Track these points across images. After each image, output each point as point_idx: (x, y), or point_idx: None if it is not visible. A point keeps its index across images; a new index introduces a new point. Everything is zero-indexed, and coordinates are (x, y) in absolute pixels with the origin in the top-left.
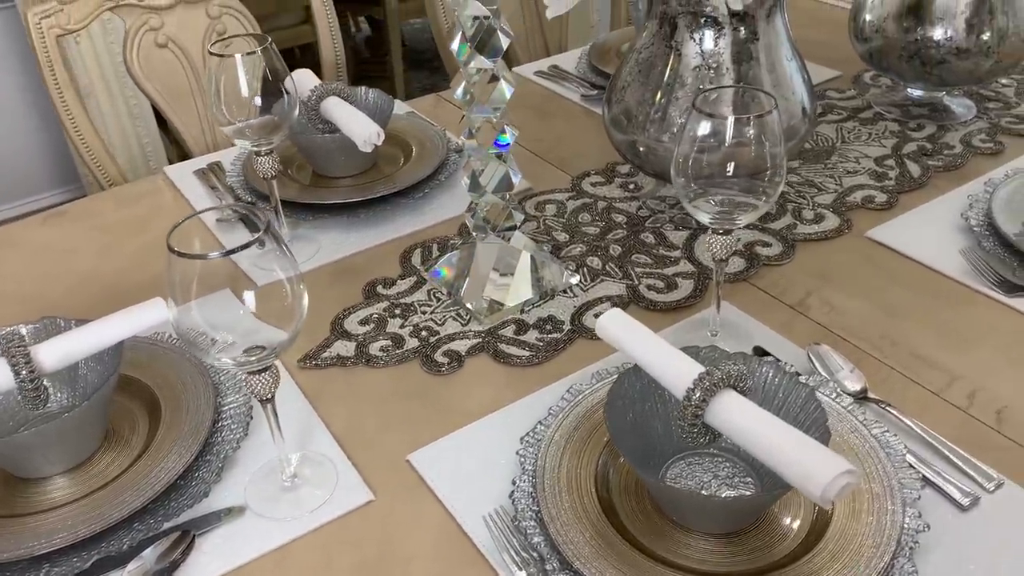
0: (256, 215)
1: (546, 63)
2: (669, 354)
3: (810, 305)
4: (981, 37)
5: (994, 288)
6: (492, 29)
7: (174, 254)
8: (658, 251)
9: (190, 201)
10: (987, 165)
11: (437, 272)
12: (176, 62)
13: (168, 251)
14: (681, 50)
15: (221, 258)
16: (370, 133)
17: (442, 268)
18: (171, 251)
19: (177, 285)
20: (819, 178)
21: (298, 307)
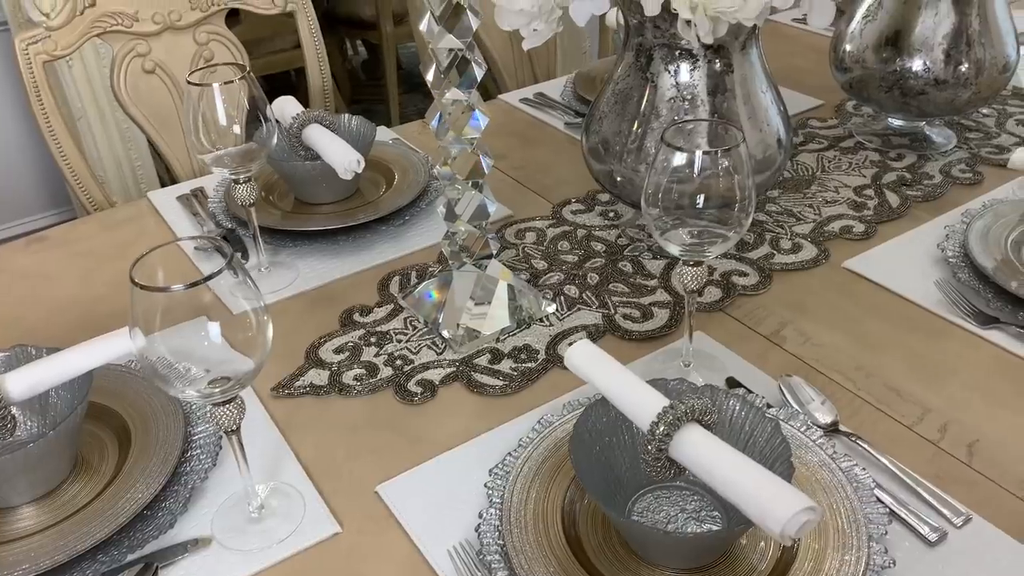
0: (222, 245)
1: (532, 90)
2: (635, 387)
3: (785, 336)
4: (959, 68)
5: (968, 319)
6: (467, 61)
7: (136, 287)
8: (635, 280)
9: (172, 227)
10: (966, 195)
11: (428, 295)
12: (163, 87)
13: (130, 283)
14: (656, 82)
15: (185, 290)
16: (350, 161)
17: (432, 291)
18: (133, 284)
19: (140, 316)
20: (798, 207)
21: (262, 338)
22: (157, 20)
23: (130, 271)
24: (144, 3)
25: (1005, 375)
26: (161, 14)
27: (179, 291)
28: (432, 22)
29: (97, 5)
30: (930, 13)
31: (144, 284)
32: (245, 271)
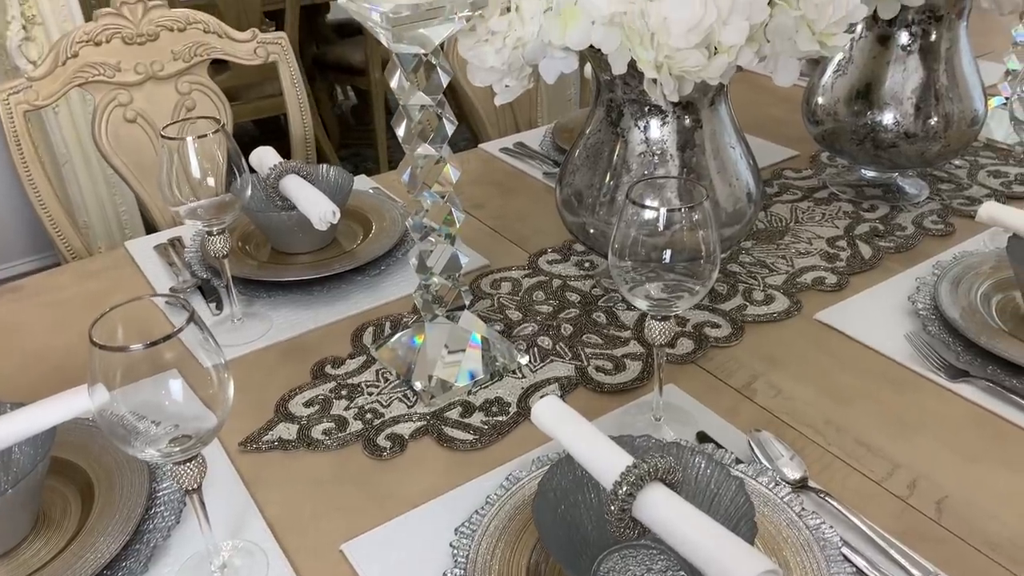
0: (185, 302)
1: (512, 140)
2: (600, 444)
3: (756, 389)
4: (928, 122)
5: (938, 373)
6: (438, 117)
7: (95, 347)
8: (609, 331)
9: (148, 277)
10: (938, 247)
11: (400, 347)
12: (145, 137)
13: (89, 343)
14: (627, 137)
15: (144, 349)
16: (325, 211)
17: (404, 343)
18: (92, 343)
19: (99, 374)
20: (771, 259)
21: (224, 395)
22: (139, 70)
23: (89, 330)
24: (126, 53)
25: (975, 430)
26: (143, 64)
27: (138, 351)
28: (403, 79)
29: (79, 56)
30: (899, 68)
31: (103, 344)
32: (206, 328)
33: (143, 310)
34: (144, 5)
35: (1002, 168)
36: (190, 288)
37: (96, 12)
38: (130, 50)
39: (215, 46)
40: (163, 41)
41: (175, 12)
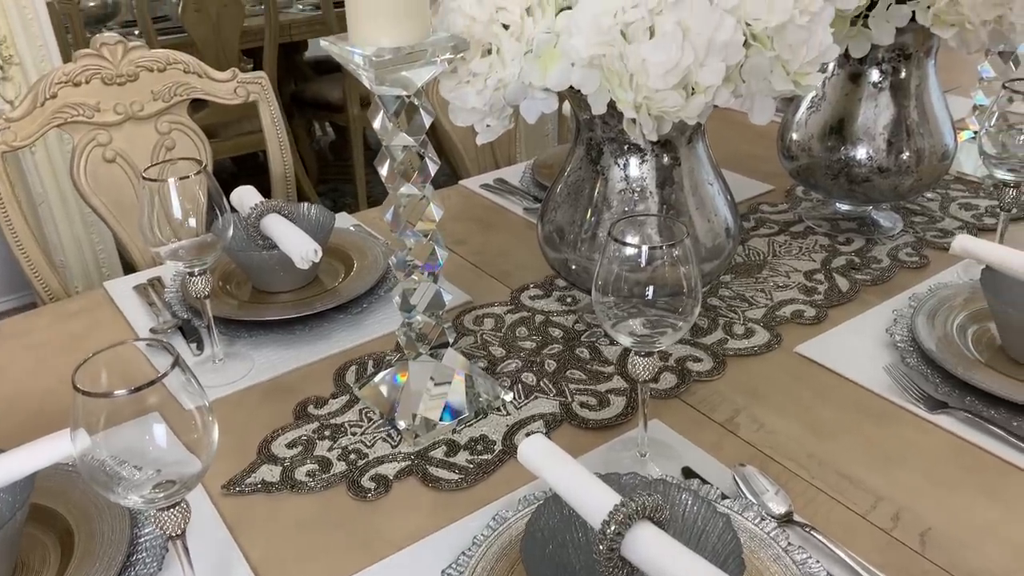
0: (168, 345)
1: (492, 176)
2: (587, 483)
3: (739, 423)
4: (901, 157)
5: (917, 405)
6: (420, 156)
7: (79, 392)
8: (592, 366)
9: (128, 318)
10: (913, 279)
11: (384, 386)
12: (124, 176)
13: (72, 389)
14: (607, 175)
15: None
16: (307, 250)
17: (387, 381)
18: (75, 389)
19: (82, 419)
20: (750, 292)
21: (208, 439)
22: (119, 110)
23: (72, 376)
24: (106, 94)
25: (955, 461)
26: (123, 104)
27: (122, 396)
28: (385, 120)
29: (58, 97)
30: (870, 104)
31: (87, 390)
32: (190, 371)
33: (125, 353)
34: (124, 46)
35: (973, 200)
36: (171, 329)
37: (76, 53)
38: (109, 90)
39: (195, 86)
40: (143, 81)
41: (155, 53)
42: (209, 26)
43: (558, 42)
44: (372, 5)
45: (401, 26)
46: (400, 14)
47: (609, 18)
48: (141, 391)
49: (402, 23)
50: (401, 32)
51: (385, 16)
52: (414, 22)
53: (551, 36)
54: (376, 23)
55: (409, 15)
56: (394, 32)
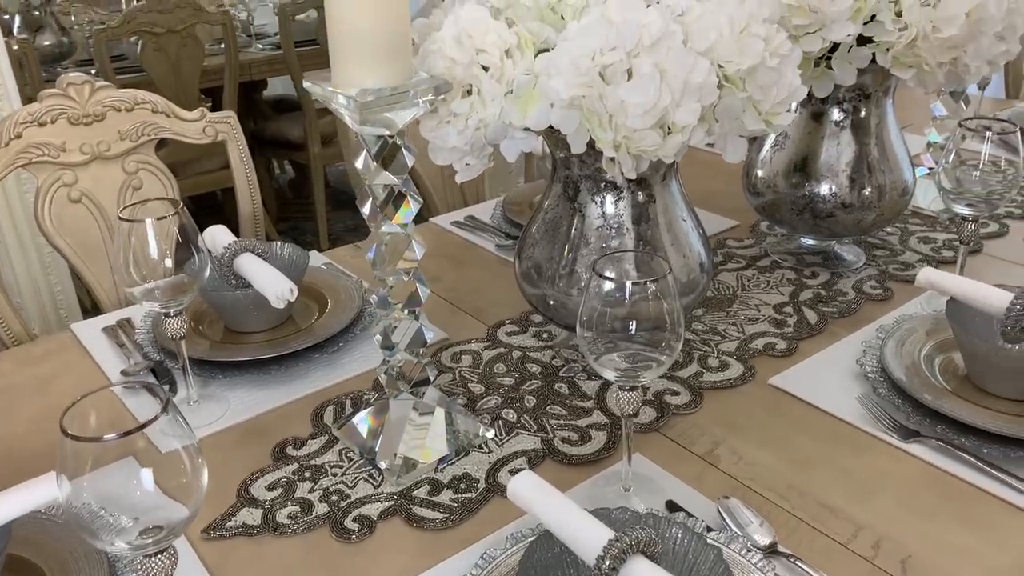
0: (156, 388)
1: (463, 213)
2: (579, 519)
3: (719, 456)
4: (863, 192)
5: (891, 434)
6: (402, 195)
7: (68, 438)
8: (572, 401)
9: (97, 360)
10: (878, 311)
11: (364, 425)
12: (90, 217)
13: (60, 433)
14: (584, 211)
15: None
16: (283, 289)
17: (367, 421)
18: (64, 434)
19: (69, 465)
20: (722, 325)
21: (197, 483)
22: (85, 150)
23: (61, 420)
24: (72, 134)
25: (931, 488)
26: (90, 144)
27: (112, 440)
28: (368, 159)
29: (23, 137)
30: (832, 142)
31: (76, 435)
32: (179, 413)
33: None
34: (91, 86)
35: (930, 234)
36: (143, 371)
37: (41, 93)
38: (76, 130)
39: (163, 126)
40: (110, 121)
41: (122, 92)
42: (168, 65)
43: (537, 83)
44: (356, 47)
45: (385, 68)
46: (384, 56)
47: (588, 60)
48: (131, 435)
49: (386, 65)
50: (384, 73)
51: (369, 58)
52: (397, 64)
53: (530, 78)
54: (360, 65)
55: (392, 57)
56: (378, 73)
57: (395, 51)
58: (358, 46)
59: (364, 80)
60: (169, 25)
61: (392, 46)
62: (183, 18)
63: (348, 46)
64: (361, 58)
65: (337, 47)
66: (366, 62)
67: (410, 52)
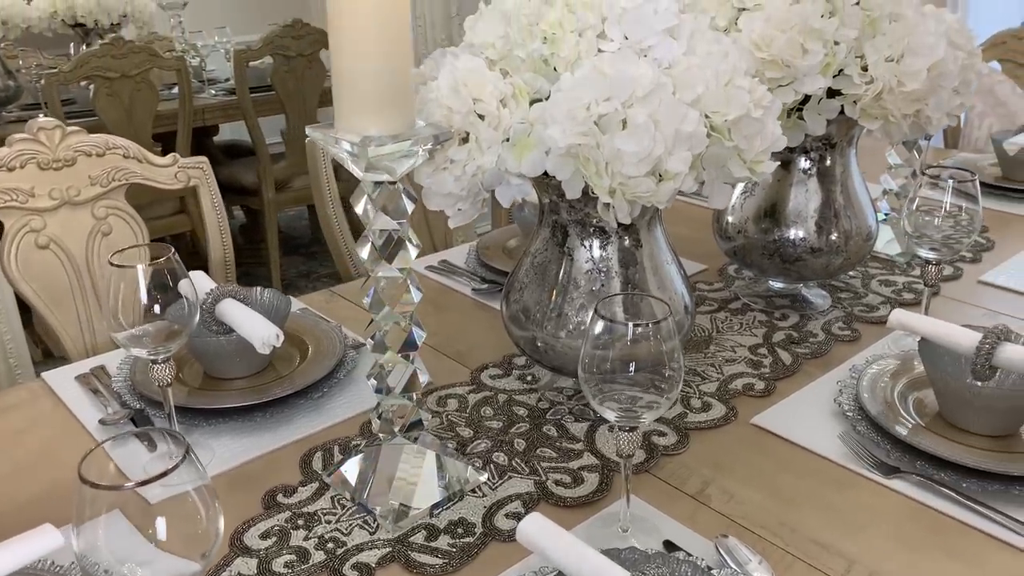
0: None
1: (436, 258)
2: (593, 560)
3: (710, 495)
4: (830, 237)
5: (872, 470)
6: (401, 240)
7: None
8: (561, 444)
9: (72, 409)
10: (848, 351)
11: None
12: (57, 262)
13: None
14: (573, 255)
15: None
16: (269, 335)
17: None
18: (82, 481)
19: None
20: (701, 367)
21: (214, 528)
22: (55, 196)
23: (79, 467)
24: (42, 179)
25: (916, 523)
26: (59, 190)
27: (129, 489)
28: (368, 205)
29: None
30: (800, 190)
31: (95, 482)
32: (199, 460)
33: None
34: (62, 131)
35: (890, 277)
36: (122, 419)
37: (10, 138)
38: (45, 175)
39: (135, 171)
40: (80, 166)
41: (94, 137)
42: (121, 110)
43: (532, 131)
44: (360, 96)
45: (388, 116)
46: (387, 105)
47: (583, 110)
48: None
49: (389, 113)
50: (388, 122)
51: (373, 107)
52: (400, 113)
53: (526, 126)
54: (364, 113)
55: (395, 106)
56: (381, 122)
57: (398, 100)
58: (363, 95)
59: (367, 128)
60: (123, 70)
61: (395, 95)
62: (138, 63)
63: (354, 94)
64: (365, 106)
65: (342, 95)
66: (370, 110)
67: (412, 101)
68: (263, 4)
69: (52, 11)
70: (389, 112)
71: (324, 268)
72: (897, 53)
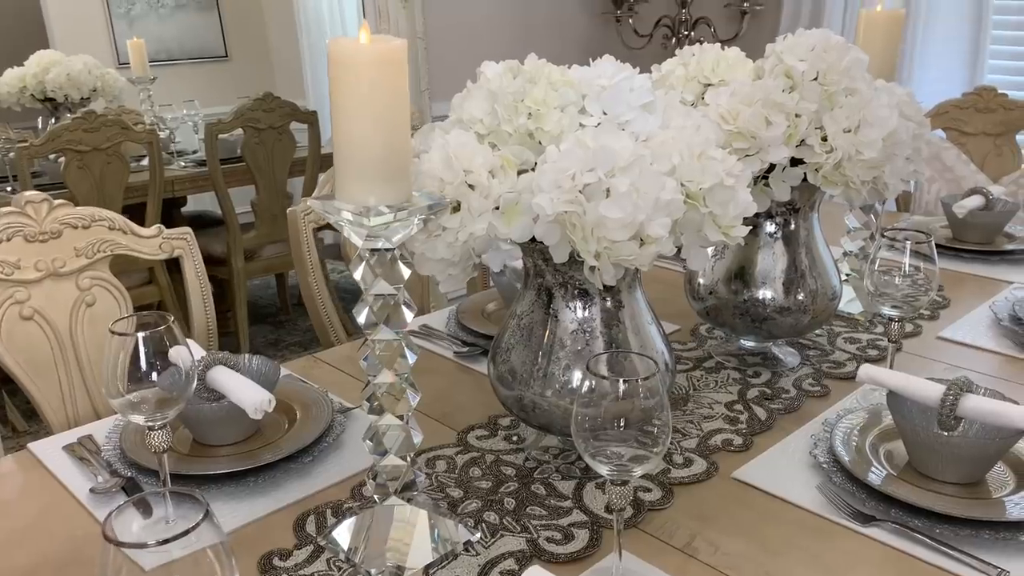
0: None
1: (417, 323)
2: None
3: (697, 547)
4: (797, 297)
5: (849, 519)
6: (397, 304)
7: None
8: (550, 502)
9: (61, 479)
10: (819, 406)
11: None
12: (41, 334)
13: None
14: (558, 317)
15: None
16: (261, 400)
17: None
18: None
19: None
20: (681, 423)
21: None
22: (40, 267)
23: (103, 527)
24: (27, 251)
25: (894, 569)
26: (44, 261)
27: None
28: (367, 271)
29: None
30: (767, 252)
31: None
32: (216, 520)
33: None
34: (49, 204)
35: (854, 335)
36: (114, 488)
37: None
38: (31, 247)
39: (120, 242)
40: (66, 238)
41: (80, 210)
42: (92, 182)
43: (520, 199)
44: (360, 167)
45: (387, 187)
46: (386, 177)
47: (569, 180)
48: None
49: (388, 184)
50: (386, 192)
51: (372, 178)
52: (398, 183)
53: (514, 195)
54: (363, 184)
55: (394, 177)
56: (380, 192)
57: (398, 171)
58: (363, 166)
59: (367, 198)
60: (95, 143)
61: (395, 167)
62: (110, 136)
63: (354, 165)
64: (366, 177)
65: (344, 166)
66: (371, 181)
67: (411, 172)
68: (233, 78)
69: (21, 86)
70: (388, 182)
71: (292, 336)
72: (854, 124)
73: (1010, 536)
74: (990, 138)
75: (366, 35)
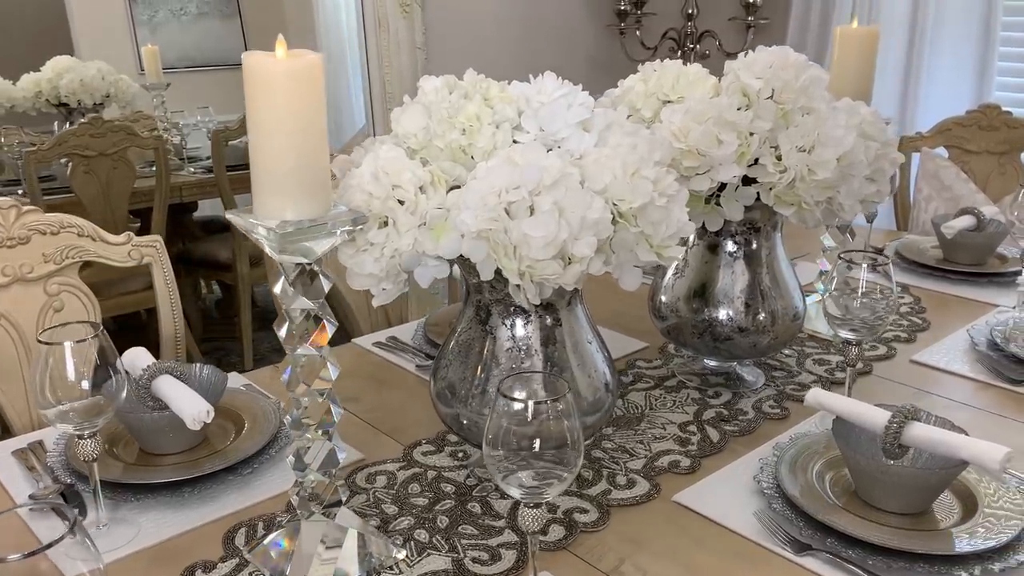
0: (64, 508)
1: (384, 335)
2: None
3: (624, 572)
4: (757, 317)
5: (784, 547)
6: (318, 319)
7: None
8: (484, 521)
9: (4, 484)
10: (776, 429)
11: (275, 547)
12: (6, 337)
13: None
14: (495, 334)
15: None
16: (199, 411)
17: (279, 542)
18: None
19: None
20: (630, 444)
21: None
22: (7, 273)
23: None
24: None
25: None
26: (12, 267)
27: (16, 560)
28: (286, 285)
29: None
30: (728, 271)
31: None
32: (87, 534)
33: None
34: (18, 210)
35: (825, 356)
36: (52, 494)
37: None
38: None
39: (89, 249)
40: (34, 244)
41: (48, 216)
42: (98, 187)
43: (449, 216)
44: (277, 182)
45: (304, 201)
46: (303, 191)
47: (495, 197)
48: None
49: (305, 198)
50: (304, 207)
51: (289, 192)
52: (316, 198)
53: (443, 211)
54: (280, 198)
55: (311, 192)
56: (297, 207)
57: (315, 185)
58: (279, 181)
59: (284, 212)
60: (101, 149)
61: (312, 181)
62: (116, 142)
63: (270, 180)
64: (282, 192)
65: (260, 181)
66: (287, 195)
67: (329, 186)
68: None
69: (37, 91)
70: (306, 197)
71: None
72: (809, 144)
73: (944, 570)
74: (994, 157)
75: (282, 49)
